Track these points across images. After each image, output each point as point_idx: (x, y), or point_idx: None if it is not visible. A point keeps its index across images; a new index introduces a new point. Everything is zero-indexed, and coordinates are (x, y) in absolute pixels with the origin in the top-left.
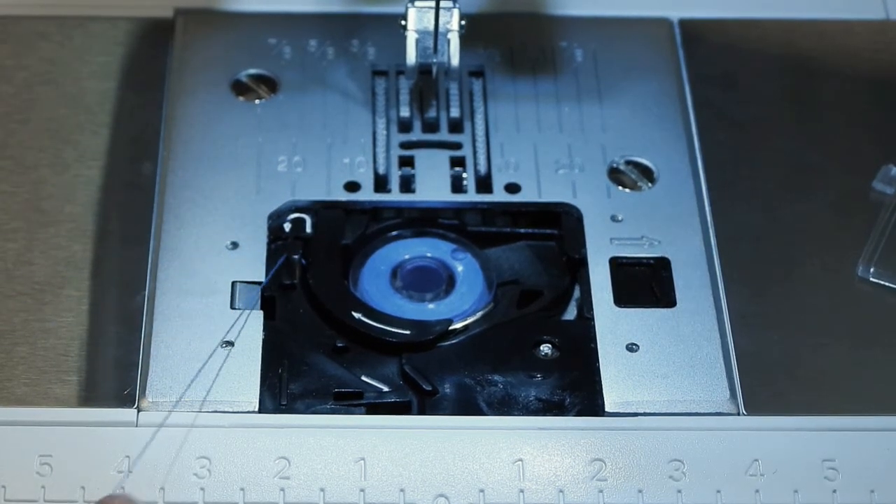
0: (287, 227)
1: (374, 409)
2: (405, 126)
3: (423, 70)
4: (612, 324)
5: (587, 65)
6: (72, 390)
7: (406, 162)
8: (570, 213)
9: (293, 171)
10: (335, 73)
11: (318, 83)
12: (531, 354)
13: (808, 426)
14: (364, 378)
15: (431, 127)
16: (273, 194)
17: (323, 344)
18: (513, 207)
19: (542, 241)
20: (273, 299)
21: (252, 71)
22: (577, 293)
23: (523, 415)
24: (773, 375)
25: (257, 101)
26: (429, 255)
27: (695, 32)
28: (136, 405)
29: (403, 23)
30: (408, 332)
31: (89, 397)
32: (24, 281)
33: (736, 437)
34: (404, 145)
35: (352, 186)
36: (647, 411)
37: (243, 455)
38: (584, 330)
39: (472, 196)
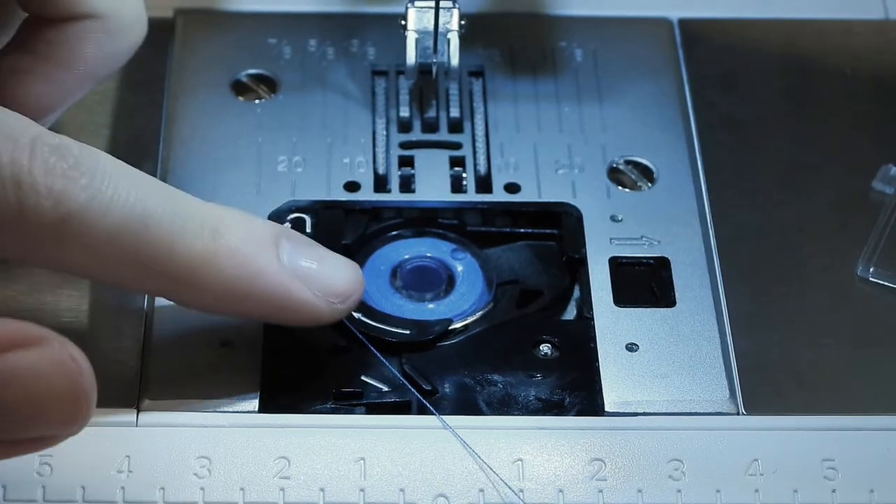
0: (287, 227)
1: (374, 408)
2: (405, 126)
3: (423, 70)
4: (612, 323)
5: (587, 65)
6: None
7: (406, 162)
8: (570, 212)
9: (293, 171)
10: (335, 73)
11: (318, 83)
12: (531, 354)
13: (808, 426)
14: (364, 378)
15: (431, 127)
16: (273, 194)
17: (323, 344)
18: (513, 207)
19: (542, 240)
20: None
21: (252, 71)
22: (576, 293)
23: (523, 414)
24: (773, 375)
25: (257, 101)
26: (429, 254)
27: (695, 32)
28: (136, 405)
29: (403, 23)
30: (408, 331)
31: None
32: (24, 281)
33: (735, 437)
34: (404, 145)
35: (352, 186)
36: (647, 411)
37: (243, 455)
38: (584, 330)
39: (471, 196)
